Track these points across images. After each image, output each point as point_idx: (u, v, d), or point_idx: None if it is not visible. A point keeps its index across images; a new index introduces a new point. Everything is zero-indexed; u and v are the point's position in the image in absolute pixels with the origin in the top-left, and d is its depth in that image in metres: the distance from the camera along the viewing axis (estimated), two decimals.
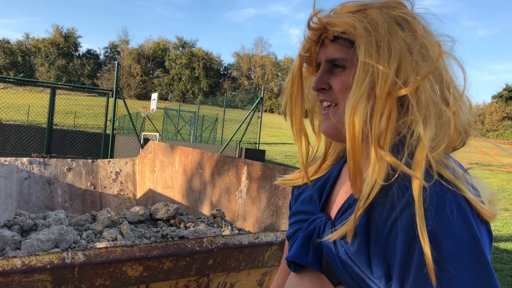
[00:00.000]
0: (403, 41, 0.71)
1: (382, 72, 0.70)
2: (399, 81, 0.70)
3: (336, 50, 0.78)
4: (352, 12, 0.76)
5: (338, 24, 0.76)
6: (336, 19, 0.76)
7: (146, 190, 4.28)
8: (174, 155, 3.98)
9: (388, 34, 0.72)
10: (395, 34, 0.72)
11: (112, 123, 8.51)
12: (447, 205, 0.62)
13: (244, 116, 10.15)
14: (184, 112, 21.97)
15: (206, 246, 1.51)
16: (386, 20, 0.73)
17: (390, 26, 0.72)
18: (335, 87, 0.79)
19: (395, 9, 0.75)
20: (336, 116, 0.80)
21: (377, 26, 0.72)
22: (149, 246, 1.40)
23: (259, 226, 2.78)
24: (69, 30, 79.00)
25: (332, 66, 0.80)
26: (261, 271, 1.77)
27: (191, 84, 78.08)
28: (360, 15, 0.75)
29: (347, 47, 0.77)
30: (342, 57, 0.78)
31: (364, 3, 0.77)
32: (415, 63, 0.71)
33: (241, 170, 3.07)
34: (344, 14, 0.76)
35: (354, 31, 0.73)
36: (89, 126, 28.30)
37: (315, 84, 0.82)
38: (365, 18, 0.74)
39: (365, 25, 0.72)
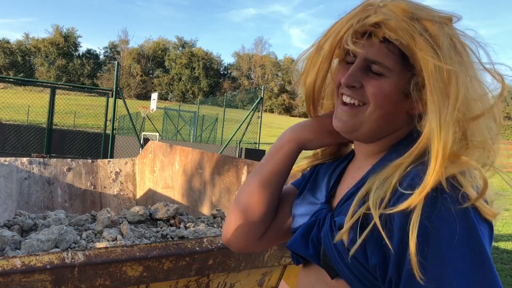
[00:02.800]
0: (464, 66, 0.69)
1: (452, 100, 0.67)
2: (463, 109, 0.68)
3: (382, 53, 0.74)
4: (408, 18, 0.71)
5: (394, 29, 0.71)
6: (392, 21, 0.71)
7: (146, 190, 4.28)
8: (174, 155, 3.98)
9: (450, 56, 0.69)
10: (455, 58, 0.69)
11: (112, 123, 8.51)
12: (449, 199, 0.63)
13: (244, 116, 10.15)
14: (184, 112, 21.96)
15: (206, 246, 1.51)
16: (447, 40, 0.70)
17: (450, 48, 0.70)
18: (369, 90, 0.76)
19: (449, 28, 0.73)
20: (361, 115, 0.78)
21: (438, 45, 0.69)
22: (149, 246, 1.40)
23: None
24: (69, 30, 79.03)
25: (369, 66, 0.77)
26: (261, 271, 1.76)
27: (191, 84, 78.09)
28: (419, 27, 0.70)
29: (395, 54, 0.73)
30: (386, 64, 0.74)
31: (418, 10, 0.73)
32: (476, 90, 0.70)
33: (241, 170, 3.07)
34: (400, 16, 0.71)
35: (412, 44, 0.70)
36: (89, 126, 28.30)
37: (346, 79, 0.78)
38: (425, 31, 0.70)
39: (427, 41, 0.69)
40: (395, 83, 0.74)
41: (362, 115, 0.78)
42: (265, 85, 11.52)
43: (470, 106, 0.69)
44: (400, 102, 0.75)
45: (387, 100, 0.75)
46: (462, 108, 0.68)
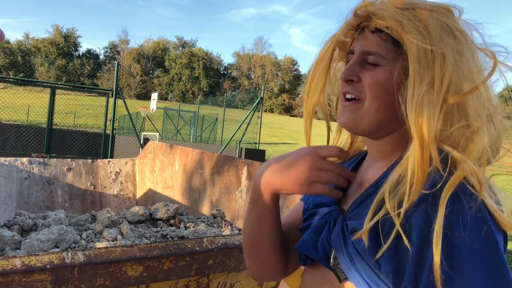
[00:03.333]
0: (453, 49, 0.69)
1: (437, 80, 0.68)
2: (451, 89, 0.68)
3: (375, 43, 0.76)
4: (400, 8, 0.73)
5: (383, 17, 0.73)
6: (382, 11, 0.74)
7: (146, 190, 4.28)
8: (174, 155, 3.98)
9: (440, 39, 0.69)
10: (446, 40, 0.69)
11: (112, 123, 8.52)
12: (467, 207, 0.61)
13: (244, 116, 10.15)
14: (184, 112, 21.96)
15: (206, 246, 1.51)
16: (437, 24, 0.70)
17: (441, 31, 0.70)
18: (365, 81, 0.76)
19: (444, 16, 0.73)
20: (360, 109, 0.78)
21: (427, 29, 0.70)
22: (149, 246, 1.40)
23: None
24: (69, 30, 79.02)
25: (366, 59, 0.77)
26: None
27: (191, 84, 78.09)
28: (409, 14, 0.72)
29: (387, 42, 0.75)
30: (379, 52, 0.75)
31: (414, 2, 0.74)
32: (467, 70, 0.69)
33: (241, 170, 3.07)
34: (392, 8, 0.73)
35: (401, 29, 0.71)
36: (89, 126, 28.30)
37: (344, 74, 0.79)
38: (414, 17, 0.71)
39: (415, 25, 0.70)
40: (389, 71, 0.74)
41: (361, 109, 0.77)
42: (265, 85, 11.52)
43: (462, 87, 0.68)
44: (398, 92, 0.74)
45: (383, 90, 0.74)
46: (452, 89, 0.68)
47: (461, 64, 0.69)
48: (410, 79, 0.70)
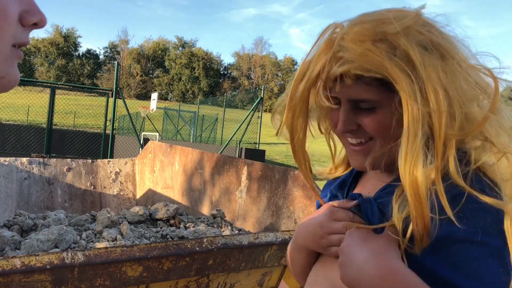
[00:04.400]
0: (442, 72, 0.65)
1: (435, 119, 0.63)
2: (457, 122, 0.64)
3: (362, 90, 0.69)
4: (372, 41, 0.66)
5: (361, 66, 0.66)
6: (357, 56, 0.66)
7: (146, 190, 4.28)
8: (174, 155, 3.98)
9: (425, 69, 0.64)
10: (431, 68, 0.64)
11: (112, 123, 8.52)
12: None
13: (244, 116, 10.15)
14: (184, 112, 21.96)
15: (206, 246, 1.51)
16: (417, 50, 0.65)
17: (423, 57, 0.65)
18: (368, 127, 0.72)
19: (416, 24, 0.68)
20: (373, 151, 0.73)
21: (411, 61, 0.64)
22: (148, 246, 1.40)
23: (259, 226, 2.78)
24: (69, 30, 79.00)
25: (358, 105, 0.72)
26: (261, 271, 1.76)
27: (191, 84, 78.10)
28: (385, 47, 0.66)
29: (375, 86, 0.68)
30: (370, 98, 0.70)
31: (380, 25, 0.67)
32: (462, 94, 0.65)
33: (241, 170, 3.07)
34: (364, 47, 0.66)
35: (386, 72, 0.65)
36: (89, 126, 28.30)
37: (342, 127, 0.74)
38: (393, 49, 0.65)
39: (399, 64, 0.64)
40: (389, 111, 0.70)
41: (375, 149, 0.74)
42: (265, 85, 11.53)
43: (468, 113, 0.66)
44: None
45: (389, 128, 0.71)
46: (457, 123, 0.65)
47: (453, 87, 0.65)
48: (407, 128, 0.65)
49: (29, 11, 0.51)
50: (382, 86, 0.68)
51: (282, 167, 2.76)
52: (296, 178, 2.50)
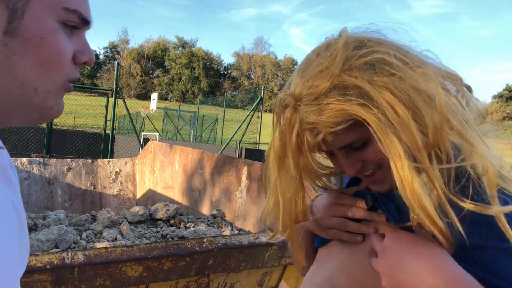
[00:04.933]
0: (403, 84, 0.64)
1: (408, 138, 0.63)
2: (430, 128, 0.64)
3: (345, 137, 0.69)
4: (324, 95, 0.66)
5: (328, 121, 0.66)
6: (320, 117, 0.66)
7: (146, 190, 4.27)
8: (174, 155, 3.98)
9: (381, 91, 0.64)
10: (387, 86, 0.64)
11: (112, 123, 8.52)
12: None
13: (244, 116, 10.15)
14: (184, 112, 21.96)
15: (206, 246, 1.51)
16: (367, 77, 0.65)
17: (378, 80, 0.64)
18: (373, 160, 0.72)
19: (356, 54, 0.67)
20: (387, 176, 0.72)
21: (365, 93, 0.64)
22: (149, 246, 1.40)
23: (259, 226, 2.78)
24: None
25: (351, 147, 0.72)
26: (261, 271, 1.76)
27: (191, 84, 78.09)
28: (337, 92, 0.66)
29: (353, 128, 0.68)
30: (356, 139, 0.70)
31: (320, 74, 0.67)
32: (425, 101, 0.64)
33: (241, 170, 3.07)
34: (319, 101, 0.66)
35: (350, 115, 0.65)
36: (89, 126, 28.28)
37: (350, 171, 0.75)
38: (345, 90, 0.65)
39: (355, 102, 0.64)
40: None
41: (389, 173, 0.71)
42: (265, 85, 11.52)
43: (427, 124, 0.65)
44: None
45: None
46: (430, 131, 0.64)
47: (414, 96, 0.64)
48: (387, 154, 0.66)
49: (81, 51, 0.60)
50: (359, 125, 0.67)
51: None
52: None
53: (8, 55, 0.53)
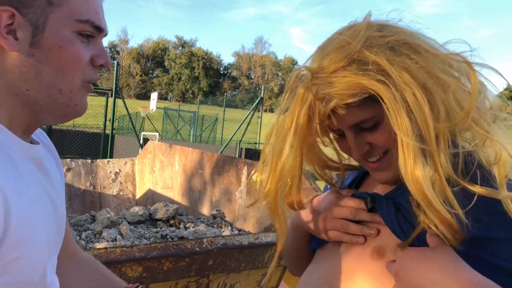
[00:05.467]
0: (420, 69, 0.65)
1: (420, 119, 0.64)
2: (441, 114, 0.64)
3: (357, 113, 0.70)
4: (342, 67, 0.67)
5: (343, 93, 0.66)
6: (336, 88, 0.66)
7: (146, 191, 4.27)
8: (174, 155, 3.98)
9: (399, 73, 0.65)
10: (407, 67, 0.65)
11: (111, 123, 8.51)
12: None
13: (244, 116, 10.15)
14: (184, 112, 21.96)
15: (206, 246, 1.50)
16: (386, 57, 0.65)
17: (392, 61, 0.65)
18: (380, 143, 0.72)
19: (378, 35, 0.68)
20: (394, 161, 0.72)
21: (384, 70, 0.65)
22: (148, 246, 1.40)
23: (259, 226, 2.78)
24: None
25: (361, 127, 0.73)
26: (261, 272, 1.76)
27: (190, 84, 78.10)
28: (356, 67, 0.66)
29: (366, 105, 0.68)
30: (368, 117, 0.70)
31: (342, 49, 0.68)
32: (442, 84, 0.65)
33: (241, 170, 3.06)
34: (340, 74, 0.67)
35: (365, 89, 0.66)
36: (89, 126, 28.27)
37: (356, 153, 0.74)
38: (365, 65, 0.66)
39: (375, 76, 0.65)
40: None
41: (394, 160, 0.72)
42: (265, 85, 11.54)
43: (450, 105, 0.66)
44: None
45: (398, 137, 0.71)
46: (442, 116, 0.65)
47: (432, 81, 0.65)
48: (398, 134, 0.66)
49: (98, 55, 0.71)
50: (372, 101, 0.68)
51: None
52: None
53: (34, 63, 0.64)
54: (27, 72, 0.64)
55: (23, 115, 0.67)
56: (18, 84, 0.65)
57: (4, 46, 0.63)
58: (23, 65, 0.64)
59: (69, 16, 0.66)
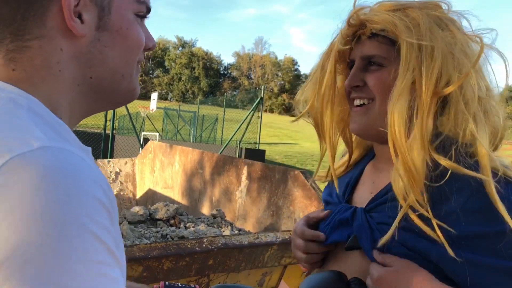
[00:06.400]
0: (444, 41, 0.71)
1: (426, 71, 0.70)
2: (443, 80, 0.70)
3: (374, 47, 0.78)
4: (391, 11, 0.76)
5: (377, 21, 0.76)
6: (374, 16, 0.76)
7: (146, 190, 4.28)
8: (174, 155, 3.98)
9: (430, 33, 0.71)
10: (436, 34, 0.72)
11: (111, 123, 8.52)
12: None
13: (244, 116, 10.16)
14: (184, 112, 21.95)
15: (206, 246, 1.51)
16: (427, 20, 0.73)
17: (431, 26, 0.72)
18: (371, 83, 0.79)
19: (434, 10, 0.76)
20: (371, 112, 0.79)
21: (418, 25, 0.72)
22: (148, 246, 1.40)
23: (259, 226, 2.78)
24: None
25: (368, 64, 0.80)
26: (261, 272, 1.76)
27: (191, 84, 78.11)
28: (400, 14, 0.75)
29: (385, 44, 0.77)
30: (380, 54, 0.78)
31: (403, 3, 0.77)
32: (457, 61, 0.71)
33: (241, 170, 3.07)
34: (383, 12, 0.76)
35: (395, 29, 0.73)
36: (89, 126, 28.28)
37: (349, 81, 0.81)
38: (406, 16, 0.74)
39: (406, 23, 0.72)
40: (393, 71, 0.76)
41: (372, 112, 0.79)
42: (265, 85, 11.55)
43: (453, 77, 0.70)
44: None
45: (389, 90, 0.75)
46: (443, 80, 0.70)
47: (452, 55, 0.71)
48: (399, 72, 0.73)
49: (148, 38, 0.67)
50: (391, 46, 0.76)
51: (282, 167, 2.76)
52: (296, 178, 2.50)
53: (100, 48, 0.60)
54: (93, 59, 0.60)
55: (79, 107, 0.63)
56: (83, 72, 0.60)
57: (73, 31, 0.56)
58: (89, 51, 0.59)
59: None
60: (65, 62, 0.58)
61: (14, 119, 0.49)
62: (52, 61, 0.57)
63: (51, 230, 0.41)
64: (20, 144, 0.44)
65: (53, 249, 0.40)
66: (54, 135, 0.51)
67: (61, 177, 0.44)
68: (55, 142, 0.48)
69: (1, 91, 0.53)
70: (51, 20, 0.56)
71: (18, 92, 0.54)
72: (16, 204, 0.41)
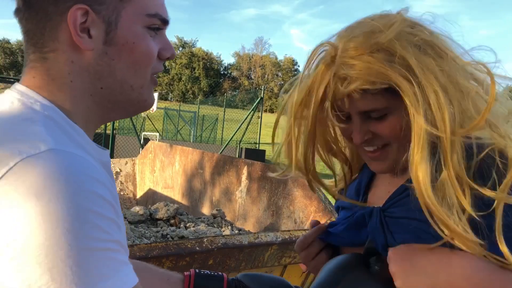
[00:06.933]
0: (443, 72, 0.66)
1: (437, 117, 0.64)
2: (457, 118, 0.65)
3: (370, 101, 0.70)
4: (370, 53, 0.67)
5: (363, 77, 0.67)
6: (359, 71, 0.67)
7: (146, 190, 4.28)
8: (174, 155, 3.98)
9: (426, 71, 0.65)
10: (432, 69, 0.66)
11: (112, 123, 8.52)
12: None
13: (244, 116, 10.16)
14: (184, 112, 21.95)
15: (206, 246, 1.51)
16: (415, 54, 0.66)
17: (424, 61, 0.66)
18: (384, 133, 0.73)
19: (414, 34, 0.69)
20: (391, 155, 0.75)
21: (410, 66, 0.65)
22: (149, 246, 1.40)
23: (259, 226, 2.78)
24: None
25: (369, 115, 0.73)
26: (261, 271, 1.76)
27: (191, 84, 78.09)
28: (383, 56, 0.66)
29: (381, 94, 0.69)
30: (380, 107, 0.71)
31: (371, 36, 0.68)
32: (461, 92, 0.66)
33: (241, 170, 3.07)
34: (363, 58, 0.67)
35: (391, 80, 0.66)
36: None
37: (358, 139, 0.75)
38: (391, 57, 0.66)
39: (399, 71, 0.65)
40: (399, 116, 0.71)
41: (392, 153, 0.75)
42: (265, 85, 11.55)
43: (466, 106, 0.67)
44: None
45: (402, 131, 0.72)
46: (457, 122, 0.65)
47: (453, 84, 0.66)
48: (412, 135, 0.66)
49: (165, 48, 0.70)
50: (388, 93, 0.68)
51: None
52: (296, 178, 2.50)
53: (108, 61, 0.64)
54: (101, 71, 0.64)
55: (96, 115, 0.68)
56: (93, 83, 0.64)
57: (80, 46, 0.62)
58: (97, 64, 0.63)
59: (140, 11, 0.65)
60: (76, 73, 0.63)
61: (29, 123, 0.56)
62: (65, 72, 0.63)
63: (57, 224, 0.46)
64: (29, 147, 0.51)
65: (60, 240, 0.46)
66: (64, 138, 0.57)
67: (65, 176, 0.49)
68: (61, 145, 0.54)
69: (23, 96, 0.60)
70: (63, 34, 0.62)
71: (37, 97, 0.61)
72: (24, 199, 0.47)
